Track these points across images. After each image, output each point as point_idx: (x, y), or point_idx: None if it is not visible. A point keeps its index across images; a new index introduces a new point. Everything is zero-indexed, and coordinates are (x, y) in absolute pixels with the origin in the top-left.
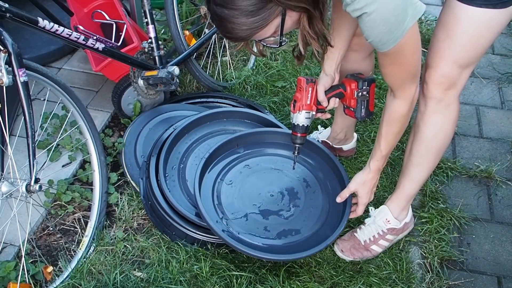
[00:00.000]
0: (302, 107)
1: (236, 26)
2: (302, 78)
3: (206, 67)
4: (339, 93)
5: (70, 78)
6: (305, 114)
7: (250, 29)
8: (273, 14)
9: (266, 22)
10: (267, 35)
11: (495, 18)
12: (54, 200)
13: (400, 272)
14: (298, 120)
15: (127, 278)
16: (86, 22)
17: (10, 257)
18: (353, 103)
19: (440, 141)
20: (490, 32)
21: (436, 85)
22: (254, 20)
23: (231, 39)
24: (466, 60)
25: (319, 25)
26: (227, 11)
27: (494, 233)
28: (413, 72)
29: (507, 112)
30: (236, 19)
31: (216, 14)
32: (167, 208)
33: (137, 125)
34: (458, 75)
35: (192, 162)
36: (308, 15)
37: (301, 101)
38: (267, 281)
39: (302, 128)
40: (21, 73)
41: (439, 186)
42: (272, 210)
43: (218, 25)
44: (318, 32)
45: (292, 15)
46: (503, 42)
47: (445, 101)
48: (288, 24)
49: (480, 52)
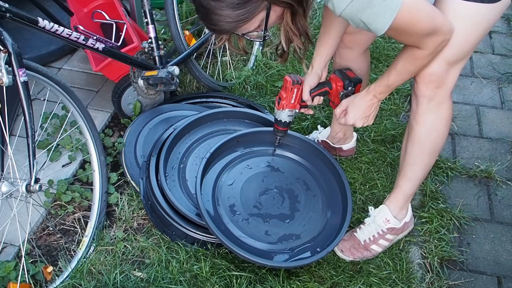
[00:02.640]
0: (286, 106)
1: (221, 18)
2: (288, 78)
3: (206, 67)
4: (325, 92)
5: (70, 78)
6: (288, 112)
7: (235, 21)
8: (259, 8)
9: (251, 16)
10: (251, 29)
11: (483, 13)
12: (54, 200)
13: (400, 272)
14: (281, 117)
15: (127, 278)
16: (86, 22)
17: (10, 257)
18: (338, 101)
19: (434, 140)
20: (478, 28)
21: (425, 84)
22: (240, 13)
23: (215, 31)
24: (453, 57)
25: (302, 22)
26: (213, 3)
27: (494, 233)
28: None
29: (507, 112)
30: (222, 11)
31: (202, 5)
32: (167, 208)
33: (137, 125)
34: (446, 72)
35: (192, 162)
36: (291, 11)
37: (285, 100)
38: (267, 281)
39: (284, 123)
40: (21, 73)
41: (439, 186)
42: (272, 214)
43: (203, 17)
44: (300, 29)
45: (276, 10)
46: (503, 42)
47: (436, 100)
48: (272, 19)
49: (468, 48)
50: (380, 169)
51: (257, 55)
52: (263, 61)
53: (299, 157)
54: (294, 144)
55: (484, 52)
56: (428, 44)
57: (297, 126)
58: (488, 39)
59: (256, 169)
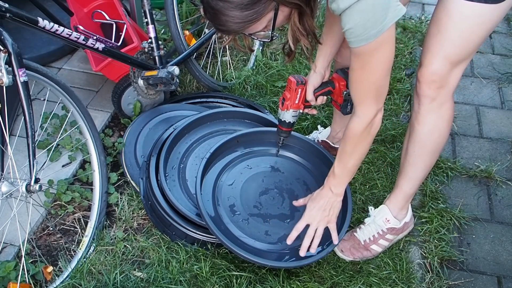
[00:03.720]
0: (290, 106)
1: (229, 19)
2: (292, 79)
3: (206, 67)
4: (328, 91)
5: (70, 78)
6: (292, 113)
7: (243, 22)
8: (267, 8)
9: (259, 16)
10: (259, 29)
11: (487, 13)
12: (54, 200)
13: (400, 272)
14: (285, 117)
15: (127, 278)
16: (86, 22)
17: (10, 257)
18: (340, 100)
19: (435, 140)
20: (481, 28)
21: (428, 83)
22: (248, 13)
23: (223, 31)
24: (457, 56)
25: (309, 22)
26: (221, 4)
27: (494, 233)
28: (378, 88)
29: (507, 112)
30: (230, 12)
31: (210, 6)
32: (167, 208)
33: (137, 125)
34: (449, 72)
35: (192, 162)
36: (299, 11)
37: (289, 100)
38: (267, 281)
39: (288, 124)
40: (21, 73)
41: (439, 186)
42: (272, 214)
43: (211, 17)
44: (307, 29)
45: (284, 10)
46: (503, 42)
47: (438, 100)
48: (280, 19)
49: (471, 49)
50: (380, 169)
51: (257, 55)
52: (263, 61)
53: (299, 157)
54: (294, 144)
55: (484, 52)
56: (367, 109)
57: (297, 126)
58: (488, 39)
59: (256, 169)
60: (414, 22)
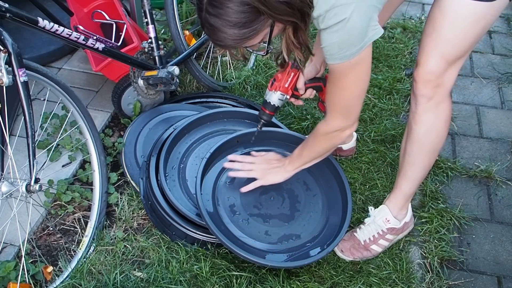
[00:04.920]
0: (279, 88)
1: (227, 36)
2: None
3: (206, 67)
4: (318, 87)
5: (70, 78)
6: (279, 95)
7: (240, 39)
8: (263, 26)
9: (256, 33)
10: (255, 43)
11: (481, 11)
12: (54, 200)
13: (400, 272)
14: (271, 99)
15: (127, 278)
16: (86, 22)
17: (10, 257)
18: None
19: (433, 140)
20: (476, 26)
21: (424, 83)
22: (246, 31)
23: (220, 46)
24: (452, 55)
25: (303, 36)
26: (220, 22)
27: (494, 233)
28: (347, 106)
29: (507, 112)
30: (228, 30)
31: (208, 22)
32: (167, 208)
33: (137, 125)
34: (445, 70)
35: (192, 162)
36: (293, 26)
37: (280, 82)
38: (267, 281)
39: (272, 107)
40: (21, 73)
41: (439, 186)
42: (272, 214)
43: (209, 33)
44: (301, 42)
45: (279, 25)
46: (503, 42)
47: (435, 99)
48: (275, 32)
49: (467, 47)
50: (380, 169)
51: (257, 55)
52: (263, 61)
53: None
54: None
55: (484, 52)
56: (334, 121)
57: (297, 126)
58: (488, 39)
59: None
60: (414, 22)
